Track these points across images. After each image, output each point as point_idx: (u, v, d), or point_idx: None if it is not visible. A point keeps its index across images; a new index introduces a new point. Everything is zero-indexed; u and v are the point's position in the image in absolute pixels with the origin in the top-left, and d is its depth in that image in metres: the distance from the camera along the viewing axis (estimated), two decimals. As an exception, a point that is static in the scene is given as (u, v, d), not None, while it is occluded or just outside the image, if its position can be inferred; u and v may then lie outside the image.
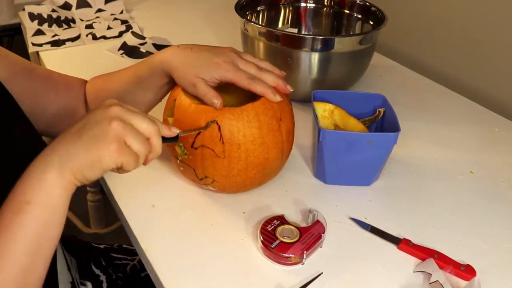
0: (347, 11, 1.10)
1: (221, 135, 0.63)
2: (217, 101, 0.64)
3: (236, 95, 0.74)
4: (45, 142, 0.68)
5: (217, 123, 0.63)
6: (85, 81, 0.79)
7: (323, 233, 0.64)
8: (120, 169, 0.50)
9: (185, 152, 0.67)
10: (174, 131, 0.55)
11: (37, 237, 0.47)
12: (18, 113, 0.66)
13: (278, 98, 0.66)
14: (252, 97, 0.67)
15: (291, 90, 0.69)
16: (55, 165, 0.48)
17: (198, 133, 0.64)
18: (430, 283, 0.59)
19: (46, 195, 0.47)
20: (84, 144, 0.48)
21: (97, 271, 0.84)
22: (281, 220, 0.66)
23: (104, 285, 0.82)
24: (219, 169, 0.66)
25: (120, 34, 1.25)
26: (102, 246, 0.92)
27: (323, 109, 0.79)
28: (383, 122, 0.80)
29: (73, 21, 1.31)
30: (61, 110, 0.76)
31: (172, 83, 0.71)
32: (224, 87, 0.73)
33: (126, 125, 0.49)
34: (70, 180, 0.48)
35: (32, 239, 0.47)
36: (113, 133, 0.48)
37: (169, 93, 0.72)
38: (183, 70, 0.67)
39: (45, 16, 1.27)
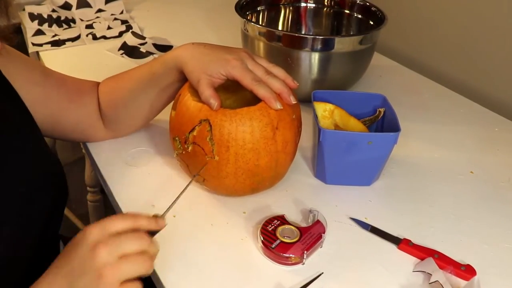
0: (347, 11, 1.10)
1: (211, 135, 0.63)
2: (214, 101, 0.63)
3: (244, 99, 0.74)
4: (51, 153, 0.68)
5: (209, 123, 0.63)
6: (97, 84, 0.80)
7: (323, 233, 0.64)
8: None
9: (180, 147, 0.67)
10: (161, 224, 0.52)
11: None
12: (28, 123, 0.66)
13: (278, 105, 0.64)
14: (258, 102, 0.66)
15: (294, 103, 0.67)
16: None
17: (191, 130, 0.64)
18: (430, 283, 0.60)
19: None
20: None
21: None
22: (281, 220, 0.66)
23: None
24: (208, 168, 0.66)
25: (120, 34, 1.25)
26: None
27: (323, 109, 0.79)
28: (383, 122, 0.80)
29: (73, 21, 1.31)
30: (75, 116, 0.76)
31: (183, 81, 0.71)
32: (235, 90, 0.73)
33: (118, 266, 0.46)
34: None
35: None
36: (108, 285, 0.45)
37: None
38: (192, 64, 0.67)
39: (45, 16, 1.27)
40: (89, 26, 1.28)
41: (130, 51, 1.16)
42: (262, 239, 0.63)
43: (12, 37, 0.56)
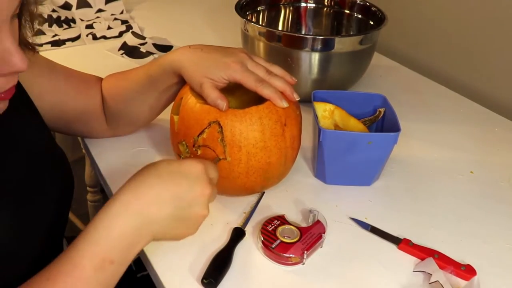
0: (347, 11, 1.10)
1: (222, 136, 0.63)
2: (221, 102, 0.63)
3: (244, 98, 0.74)
4: (58, 145, 0.68)
5: (219, 124, 0.63)
6: (101, 79, 0.80)
7: (324, 233, 0.64)
8: None
9: (188, 151, 0.67)
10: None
11: None
12: (33, 116, 0.67)
13: (284, 104, 0.65)
14: (260, 101, 0.66)
15: (298, 99, 0.68)
16: (146, 232, 0.51)
17: (201, 133, 0.64)
18: (430, 283, 0.60)
19: (129, 256, 0.50)
20: (175, 223, 0.52)
21: None
22: (282, 220, 0.66)
23: None
24: (219, 170, 0.65)
25: (120, 34, 1.25)
26: None
27: (323, 109, 0.79)
28: (383, 122, 0.80)
29: (73, 21, 1.31)
30: (80, 107, 0.76)
31: (182, 83, 0.71)
32: (232, 90, 0.73)
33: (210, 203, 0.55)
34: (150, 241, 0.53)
35: None
36: (199, 223, 0.54)
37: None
38: (192, 69, 0.67)
39: (45, 16, 1.27)
40: (89, 26, 1.28)
41: (130, 51, 1.16)
42: (262, 239, 0.63)
43: (35, 47, 0.60)
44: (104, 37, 1.23)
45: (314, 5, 1.13)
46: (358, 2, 1.07)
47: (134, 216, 0.50)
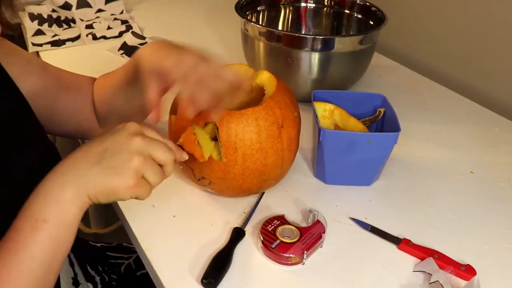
0: (347, 11, 1.10)
1: (218, 137, 0.63)
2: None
3: (244, 100, 0.74)
4: (53, 143, 0.69)
5: (215, 125, 0.63)
6: (94, 79, 0.80)
7: (323, 233, 0.64)
8: (135, 198, 0.52)
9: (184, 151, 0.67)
10: (184, 156, 0.57)
11: (52, 253, 0.49)
12: (27, 114, 0.67)
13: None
14: (259, 103, 0.66)
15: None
16: (72, 186, 0.49)
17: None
18: (430, 283, 0.60)
19: (62, 215, 0.49)
20: (103, 172, 0.49)
21: (92, 272, 0.84)
22: (282, 220, 0.66)
23: (99, 286, 0.82)
24: (215, 171, 0.65)
25: (120, 34, 1.25)
26: (99, 245, 0.92)
27: (323, 109, 0.79)
28: (383, 122, 0.80)
29: (73, 21, 1.31)
30: (71, 109, 0.76)
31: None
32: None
33: (146, 160, 0.50)
34: (86, 201, 0.50)
35: (48, 255, 0.49)
36: (133, 170, 0.50)
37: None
38: (149, 60, 0.63)
39: (45, 16, 1.27)
40: (89, 26, 1.28)
41: (130, 51, 1.16)
42: (262, 239, 0.63)
43: (15, 27, 0.59)
44: (104, 37, 1.23)
45: (314, 5, 1.13)
46: (358, 2, 1.07)
47: (61, 174, 0.50)
